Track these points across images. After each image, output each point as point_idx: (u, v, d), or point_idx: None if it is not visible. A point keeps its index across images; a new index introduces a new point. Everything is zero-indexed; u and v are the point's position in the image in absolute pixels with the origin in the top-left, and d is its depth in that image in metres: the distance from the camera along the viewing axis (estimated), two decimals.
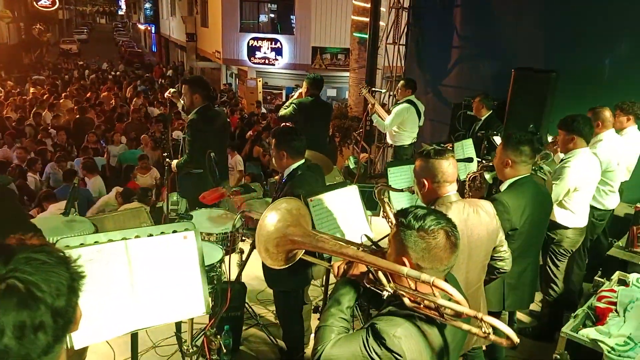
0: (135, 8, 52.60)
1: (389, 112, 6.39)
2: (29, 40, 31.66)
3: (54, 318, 0.95)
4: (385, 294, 1.74)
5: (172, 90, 5.32)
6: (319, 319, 2.38)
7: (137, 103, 15.34)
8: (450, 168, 2.39)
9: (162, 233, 2.16)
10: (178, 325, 3.27)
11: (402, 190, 2.65)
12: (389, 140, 6.60)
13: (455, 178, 2.44)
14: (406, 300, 1.69)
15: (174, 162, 4.56)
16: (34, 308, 0.93)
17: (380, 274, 1.75)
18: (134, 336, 2.32)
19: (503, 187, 3.03)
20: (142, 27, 45.91)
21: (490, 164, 3.44)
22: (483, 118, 5.73)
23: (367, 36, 10.78)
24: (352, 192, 3.30)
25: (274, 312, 4.02)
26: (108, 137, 10.83)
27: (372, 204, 4.07)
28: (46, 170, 8.41)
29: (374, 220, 3.94)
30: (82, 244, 1.96)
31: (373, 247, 1.99)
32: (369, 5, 10.76)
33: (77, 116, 12.04)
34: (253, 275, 4.36)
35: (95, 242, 1.99)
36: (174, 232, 2.18)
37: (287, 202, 2.01)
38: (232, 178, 8.72)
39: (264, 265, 3.05)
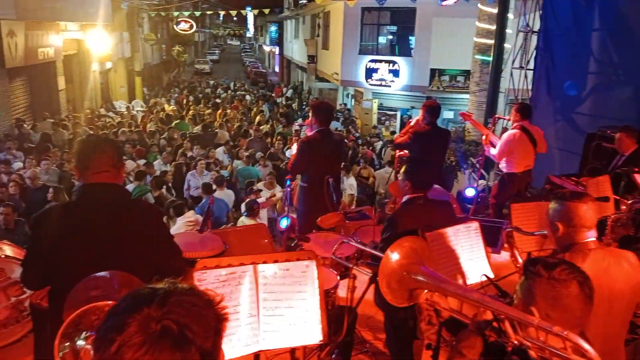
0: (262, 31, 56.14)
1: None
2: (169, 61, 35.08)
3: (202, 359, 0.97)
4: (510, 345, 1.68)
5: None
6: (431, 356, 2.34)
7: (260, 121, 16.34)
8: (589, 212, 2.24)
9: (286, 260, 2.28)
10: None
11: (532, 234, 2.52)
12: (500, 167, 6.21)
13: (594, 223, 2.28)
14: (532, 354, 1.62)
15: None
16: (185, 349, 0.95)
17: (506, 323, 1.70)
18: (256, 357, 2.41)
19: None
20: (267, 48, 48.79)
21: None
22: (628, 153, 5.20)
23: (490, 59, 10.45)
24: (472, 228, 3.19)
25: (384, 340, 4.00)
26: (234, 152, 11.60)
27: (490, 239, 3.90)
28: (187, 178, 9.30)
29: (493, 257, 3.77)
30: (217, 265, 2.14)
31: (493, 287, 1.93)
32: (493, 27, 10.44)
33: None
34: (364, 298, 4.35)
35: (229, 264, 2.16)
36: (298, 260, 2.29)
37: (413, 240, 2.01)
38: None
39: (375, 285, 3.08)
